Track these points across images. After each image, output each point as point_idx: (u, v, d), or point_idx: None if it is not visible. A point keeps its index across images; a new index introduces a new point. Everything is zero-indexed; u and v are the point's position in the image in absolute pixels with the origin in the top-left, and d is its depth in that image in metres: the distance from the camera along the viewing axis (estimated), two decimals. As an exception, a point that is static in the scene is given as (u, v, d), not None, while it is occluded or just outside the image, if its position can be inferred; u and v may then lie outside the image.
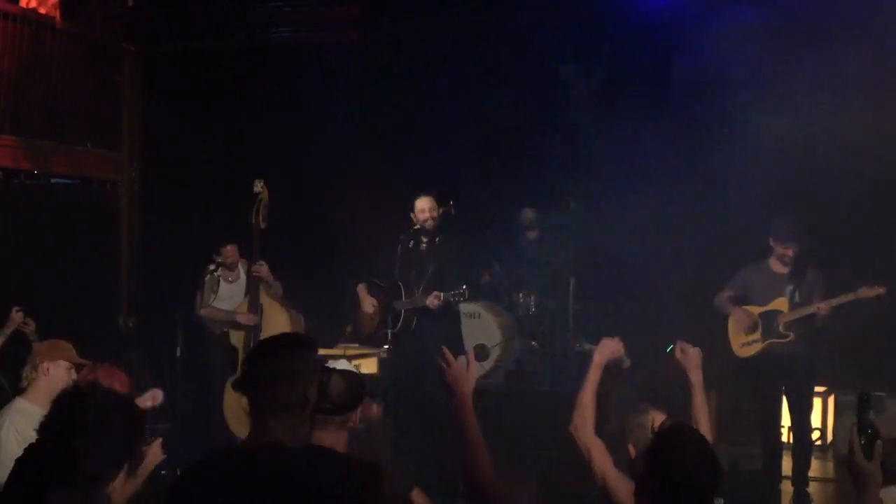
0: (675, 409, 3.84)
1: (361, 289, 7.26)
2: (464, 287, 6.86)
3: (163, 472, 6.82)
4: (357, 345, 8.64)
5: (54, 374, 4.61)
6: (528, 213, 9.16)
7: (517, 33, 9.31)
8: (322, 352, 8.65)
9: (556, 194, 8.64)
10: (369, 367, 9.00)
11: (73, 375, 4.62)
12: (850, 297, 6.75)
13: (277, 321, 7.19)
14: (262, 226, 7.11)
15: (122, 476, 4.25)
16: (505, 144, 9.26)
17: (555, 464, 7.62)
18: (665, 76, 8.92)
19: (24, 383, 4.74)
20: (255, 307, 7.13)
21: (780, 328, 6.93)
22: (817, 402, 8.29)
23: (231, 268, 7.68)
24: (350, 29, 9.72)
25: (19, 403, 4.64)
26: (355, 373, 3.66)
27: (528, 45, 9.38)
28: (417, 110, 9.60)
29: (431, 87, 9.61)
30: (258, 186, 7.14)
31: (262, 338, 7.07)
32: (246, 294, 7.34)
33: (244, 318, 7.13)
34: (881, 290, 6.66)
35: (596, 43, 9.08)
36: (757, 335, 7.02)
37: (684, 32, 8.52)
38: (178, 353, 7.41)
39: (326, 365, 3.51)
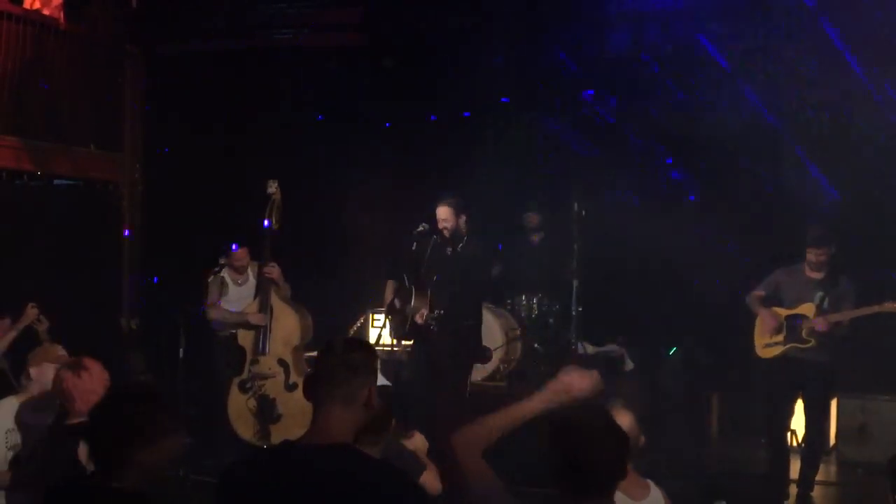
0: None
1: (389, 285, 7.28)
2: (441, 311, 6.88)
3: (179, 472, 6.85)
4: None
5: (41, 376, 4.90)
6: (532, 217, 9.15)
7: (519, 34, 9.31)
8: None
9: (559, 197, 8.64)
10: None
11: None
12: (875, 309, 6.70)
13: (286, 322, 7.17)
14: (275, 227, 7.09)
15: None
16: (508, 145, 9.26)
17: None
18: (678, 78, 8.95)
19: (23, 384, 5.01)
20: (264, 308, 7.11)
21: (803, 333, 6.84)
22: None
23: (240, 270, 7.66)
24: (353, 31, 9.72)
25: (9, 401, 4.96)
26: (387, 386, 3.54)
27: (529, 45, 9.40)
28: (420, 112, 9.60)
29: (433, 88, 9.63)
30: (272, 187, 7.12)
31: (271, 340, 7.07)
32: (255, 296, 7.32)
33: (255, 319, 7.11)
34: None
35: (600, 46, 9.11)
36: (780, 338, 6.95)
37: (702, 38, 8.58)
38: (181, 354, 7.39)
39: None
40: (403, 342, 7.40)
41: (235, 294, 7.61)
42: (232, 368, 7.15)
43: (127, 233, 10.11)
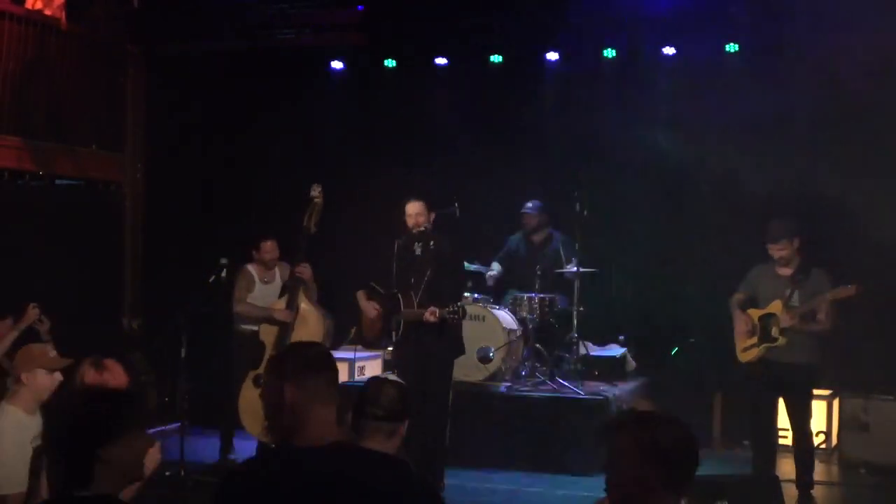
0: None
1: (361, 295, 7.22)
2: (459, 304, 6.81)
3: (167, 473, 6.88)
4: (360, 346, 8.65)
5: (33, 382, 4.60)
6: (533, 216, 9.14)
7: (521, 33, 9.32)
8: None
9: (561, 196, 8.64)
10: (374, 369, 9.01)
11: (58, 377, 4.61)
12: (826, 298, 6.54)
13: (310, 323, 7.14)
14: (313, 230, 7.09)
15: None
16: (510, 145, 9.26)
17: (560, 465, 7.65)
18: (670, 78, 8.97)
19: (10, 388, 4.73)
20: (292, 306, 7.12)
21: (772, 332, 6.70)
22: (822, 406, 8.25)
23: (269, 265, 7.69)
24: (354, 31, 9.72)
25: (6, 409, 4.61)
26: (404, 384, 3.72)
27: (530, 44, 9.40)
28: (421, 111, 9.60)
29: (435, 87, 9.63)
30: (315, 191, 7.11)
31: (292, 338, 7.06)
32: (280, 295, 7.34)
33: (280, 315, 7.11)
34: (851, 291, 6.42)
35: (600, 43, 9.13)
36: (755, 339, 6.82)
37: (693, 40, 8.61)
38: (183, 354, 7.39)
39: (377, 376, 3.55)
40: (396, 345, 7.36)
41: (261, 292, 7.67)
42: (250, 363, 7.15)
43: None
